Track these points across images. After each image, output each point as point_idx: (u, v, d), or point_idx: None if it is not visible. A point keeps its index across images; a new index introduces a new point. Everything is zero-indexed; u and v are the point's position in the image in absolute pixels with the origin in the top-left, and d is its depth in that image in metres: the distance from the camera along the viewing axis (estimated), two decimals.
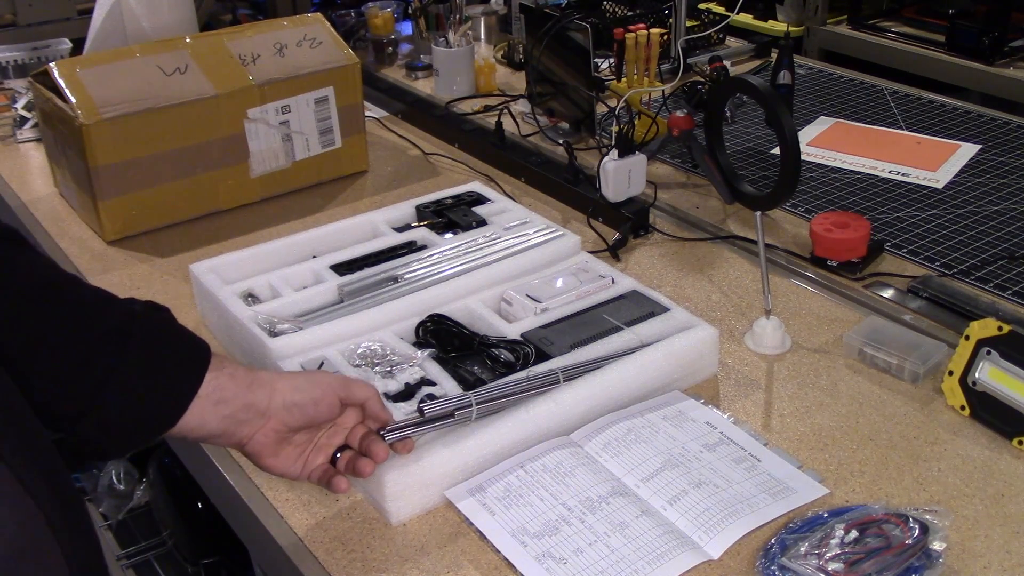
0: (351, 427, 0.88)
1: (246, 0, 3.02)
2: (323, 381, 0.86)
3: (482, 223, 1.29)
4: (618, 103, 1.57)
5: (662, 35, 1.74)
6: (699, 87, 1.74)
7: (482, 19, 2.18)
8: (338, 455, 0.87)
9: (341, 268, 1.20)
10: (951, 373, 1.02)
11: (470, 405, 0.92)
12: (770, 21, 2.79)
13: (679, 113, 1.51)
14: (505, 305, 1.14)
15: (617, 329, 1.07)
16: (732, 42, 2.14)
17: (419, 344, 1.07)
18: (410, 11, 2.15)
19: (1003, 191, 1.48)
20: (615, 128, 1.44)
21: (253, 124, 1.45)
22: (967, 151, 1.62)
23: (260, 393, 0.82)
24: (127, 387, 0.75)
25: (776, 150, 1.49)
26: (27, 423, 0.67)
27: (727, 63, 1.79)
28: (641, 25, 1.72)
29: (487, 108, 1.81)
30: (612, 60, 1.80)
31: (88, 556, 0.66)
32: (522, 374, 0.98)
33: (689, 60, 1.88)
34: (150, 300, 0.82)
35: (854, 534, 0.83)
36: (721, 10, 2.28)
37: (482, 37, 2.18)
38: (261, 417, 0.83)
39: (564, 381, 0.98)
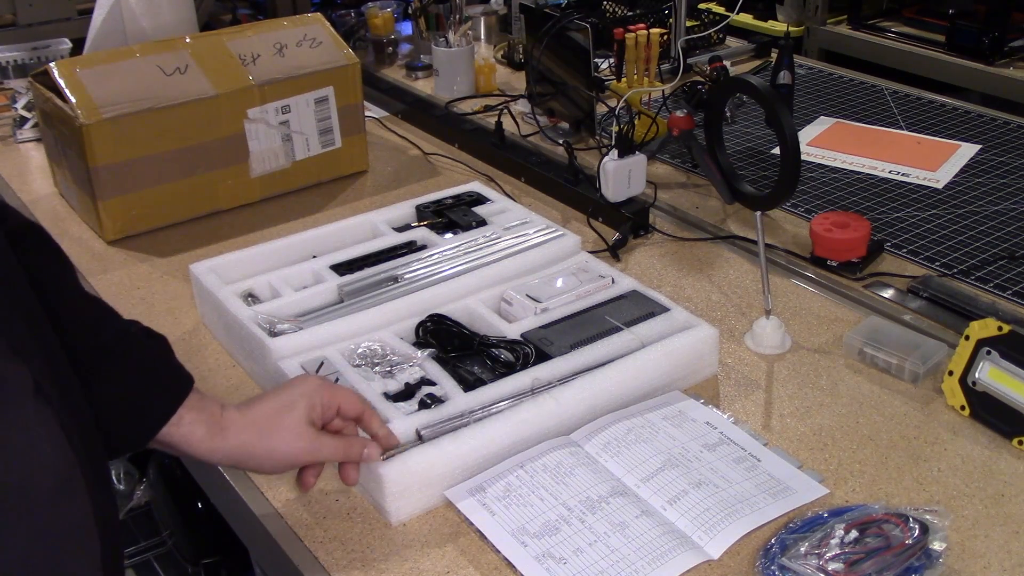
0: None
1: (246, 0, 3.02)
2: (280, 460, 0.85)
3: (482, 223, 1.29)
4: (618, 103, 1.58)
5: (662, 35, 1.74)
6: (699, 87, 1.74)
7: (482, 19, 2.18)
8: None
9: (341, 268, 1.20)
10: (951, 373, 1.02)
11: (467, 424, 0.92)
12: (770, 21, 2.79)
13: (679, 113, 1.51)
14: (505, 305, 1.14)
15: (617, 329, 1.07)
16: (732, 42, 2.14)
17: (419, 344, 1.07)
18: (410, 11, 2.15)
19: (1003, 191, 1.48)
20: (615, 128, 1.44)
21: (253, 124, 1.45)
22: (967, 151, 1.62)
23: (230, 441, 0.84)
24: (104, 401, 0.76)
25: (776, 150, 1.49)
26: (65, 370, 0.69)
27: (727, 63, 1.79)
28: (641, 25, 1.72)
29: (487, 108, 1.81)
30: (612, 60, 1.80)
31: (107, 503, 0.69)
32: (525, 380, 0.98)
33: (689, 60, 1.88)
34: (146, 327, 0.84)
35: (854, 534, 0.83)
36: (721, 10, 2.28)
37: (482, 37, 2.18)
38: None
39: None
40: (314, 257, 1.23)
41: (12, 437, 0.60)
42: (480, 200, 1.36)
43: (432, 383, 0.99)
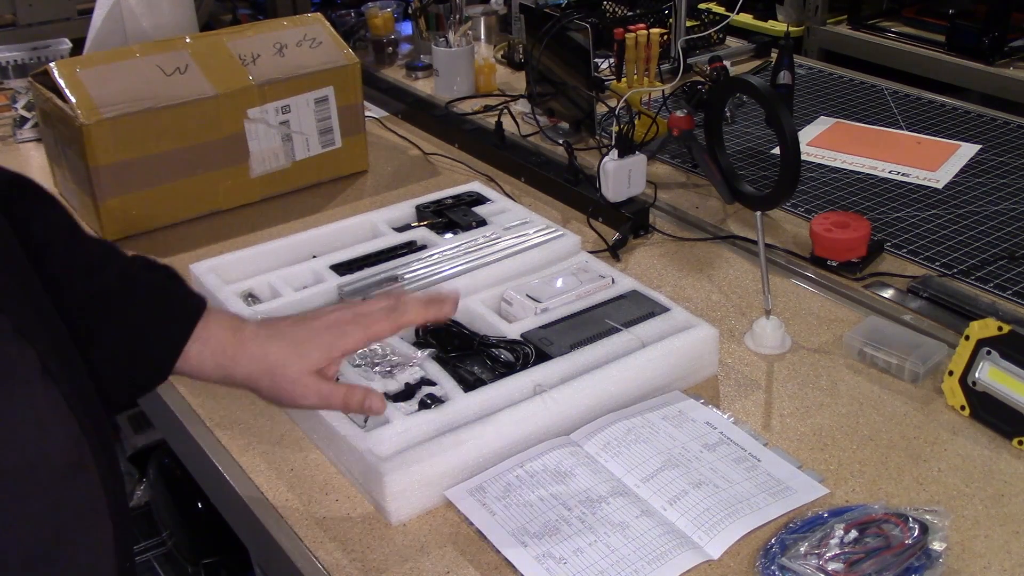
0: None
1: (246, 0, 3.02)
2: (293, 379, 0.82)
3: (482, 223, 1.29)
4: (618, 103, 1.58)
5: (662, 35, 1.74)
6: (699, 87, 1.74)
7: (482, 19, 2.18)
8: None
9: (341, 268, 1.20)
10: (951, 373, 1.02)
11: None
12: (770, 21, 2.79)
13: (679, 113, 1.51)
14: (505, 305, 1.14)
15: (617, 329, 1.07)
16: (732, 42, 2.14)
17: (419, 344, 1.07)
18: (410, 11, 2.15)
19: (1003, 191, 1.48)
20: (615, 128, 1.44)
21: (253, 124, 1.45)
22: (967, 151, 1.62)
23: (239, 373, 0.83)
24: (113, 345, 0.77)
25: (776, 150, 1.49)
26: (70, 351, 0.70)
27: (727, 63, 1.79)
28: (641, 25, 1.72)
29: (487, 108, 1.81)
30: (612, 60, 1.80)
31: (115, 481, 0.69)
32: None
33: (689, 60, 1.88)
34: (149, 260, 0.84)
35: (854, 534, 0.83)
36: (721, 10, 2.28)
37: (482, 37, 2.18)
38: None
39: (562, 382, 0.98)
40: (314, 257, 1.23)
41: (21, 416, 0.60)
42: (480, 200, 1.36)
43: (432, 383, 0.99)
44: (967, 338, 1.01)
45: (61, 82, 1.35)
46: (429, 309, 0.85)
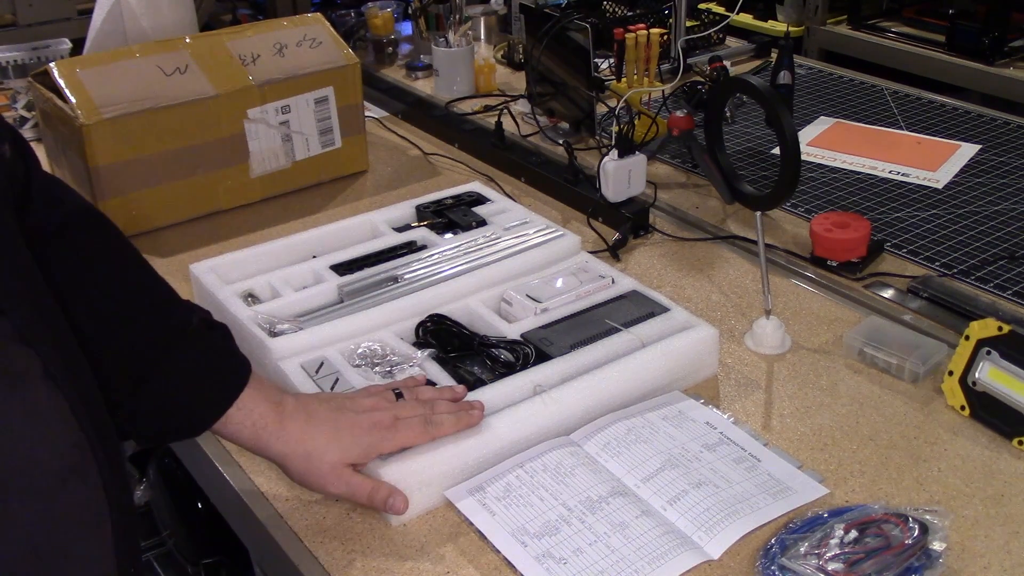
0: None
1: (246, 0, 3.02)
2: (326, 476, 0.86)
3: (482, 223, 1.29)
4: (618, 103, 1.58)
5: (662, 35, 1.74)
6: (699, 87, 1.74)
7: (482, 19, 2.18)
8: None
9: (341, 268, 1.20)
10: (951, 373, 1.02)
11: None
12: (770, 21, 2.79)
13: (679, 113, 1.51)
14: (505, 305, 1.14)
15: (617, 330, 1.07)
16: (732, 42, 2.14)
17: (419, 344, 1.07)
18: (410, 11, 2.15)
19: (1003, 191, 1.48)
20: (615, 128, 1.44)
21: (253, 124, 1.45)
22: (967, 151, 1.62)
23: (275, 448, 0.86)
24: (158, 393, 0.80)
25: (776, 150, 1.49)
26: (75, 355, 0.70)
27: (727, 63, 1.79)
28: (641, 25, 1.72)
29: (487, 108, 1.81)
30: (612, 60, 1.80)
31: (119, 487, 0.69)
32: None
33: (689, 60, 1.88)
34: (207, 314, 0.86)
35: (854, 534, 0.83)
36: (721, 10, 2.28)
37: (482, 37, 2.18)
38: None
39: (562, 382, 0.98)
40: (314, 257, 1.23)
41: (20, 419, 0.60)
42: (480, 200, 1.36)
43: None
44: (967, 338, 1.01)
45: (61, 82, 1.35)
46: (460, 422, 0.91)
